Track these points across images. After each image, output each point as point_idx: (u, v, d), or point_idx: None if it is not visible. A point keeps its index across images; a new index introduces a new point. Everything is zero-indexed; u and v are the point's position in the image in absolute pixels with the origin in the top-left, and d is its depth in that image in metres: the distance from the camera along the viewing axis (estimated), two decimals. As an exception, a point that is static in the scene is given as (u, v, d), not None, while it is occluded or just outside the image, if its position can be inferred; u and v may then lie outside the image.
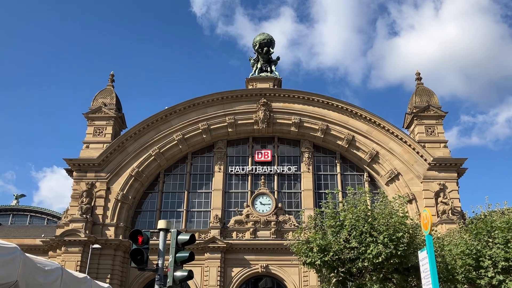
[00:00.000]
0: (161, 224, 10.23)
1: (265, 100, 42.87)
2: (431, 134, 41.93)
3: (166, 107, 43.10)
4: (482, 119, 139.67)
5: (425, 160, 39.94)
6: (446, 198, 38.41)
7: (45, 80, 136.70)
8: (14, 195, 72.67)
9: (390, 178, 40.43)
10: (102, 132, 42.92)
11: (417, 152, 40.38)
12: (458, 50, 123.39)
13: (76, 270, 30.95)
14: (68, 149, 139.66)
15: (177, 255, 9.80)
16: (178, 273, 9.78)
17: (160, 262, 9.80)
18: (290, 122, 42.70)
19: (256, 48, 48.59)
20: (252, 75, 47.79)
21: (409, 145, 40.77)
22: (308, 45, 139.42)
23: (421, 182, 39.61)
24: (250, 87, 46.38)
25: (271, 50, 48.66)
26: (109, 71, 78.88)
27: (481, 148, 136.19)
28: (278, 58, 49.10)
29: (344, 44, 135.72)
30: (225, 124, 42.91)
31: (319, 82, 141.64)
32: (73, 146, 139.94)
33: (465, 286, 22.25)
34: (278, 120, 43.05)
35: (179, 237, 9.95)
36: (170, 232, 10.14)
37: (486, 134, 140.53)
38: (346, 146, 42.05)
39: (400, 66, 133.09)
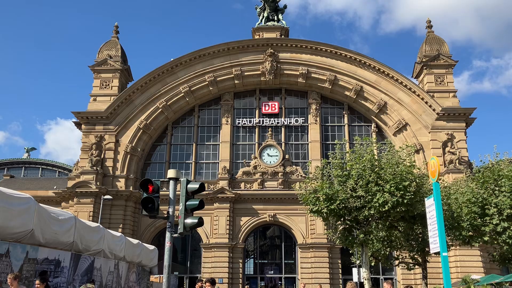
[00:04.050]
0: (171, 173, 10.36)
1: (272, 50, 42.14)
2: (440, 83, 41.33)
3: (172, 59, 42.63)
4: (496, 63, 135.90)
5: (434, 110, 39.60)
6: (454, 148, 38.42)
7: (44, 33, 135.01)
8: (25, 148, 73.88)
9: (397, 129, 40.29)
10: (108, 84, 42.77)
11: (426, 102, 39.98)
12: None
13: (89, 220, 31.80)
14: (69, 101, 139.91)
15: (187, 203, 9.99)
16: (189, 220, 10.01)
17: (171, 210, 10.00)
18: (298, 73, 42.15)
19: (262, -5, 47.18)
20: (258, 24, 46.70)
21: (418, 95, 40.31)
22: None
23: (429, 132, 39.48)
24: (257, 37, 45.47)
25: (278, -3, 47.25)
26: (112, 23, 77.58)
27: (493, 94, 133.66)
28: (285, 6, 47.76)
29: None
30: (232, 75, 42.47)
31: (327, 27, 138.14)
32: (74, 98, 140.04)
33: (470, 233, 22.61)
34: (285, 71, 42.49)
35: (189, 185, 10.11)
36: (180, 181, 10.28)
37: (499, 79, 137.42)
38: (354, 97, 41.66)
39: (412, 8, 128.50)
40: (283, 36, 45.25)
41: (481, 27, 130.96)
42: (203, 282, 8.34)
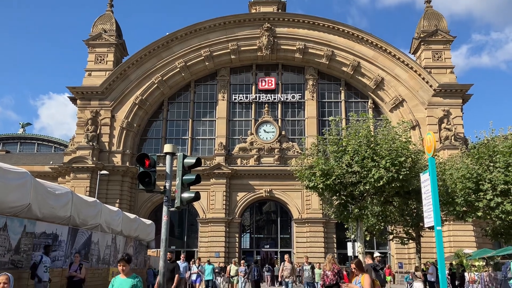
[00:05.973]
0: (167, 148, 10.33)
1: (268, 25, 41.63)
2: (438, 59, 41.13)
3: (167, 33, 42.11)
4: (495, 37, 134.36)
5: (431, 86, 39.51)
6: (450, 124, 38.53)
7: (37, 5, 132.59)
8: (20, 123, 73.45)
9: (394, 105, 40.26)
10: (103, 59, 42.32)
11: (423, 78, 39.85)
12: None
13: (86, 195, 31.88)
14: (62, 75, 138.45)
15: (184, 177, 10.00)
16: (186, 195, 10.04)
17: (167, 184, 10.01)
18: (295, 48, 41.76)
19: (259, -32, 46.29)
20: (255, -2, 45.99)
21: (415, 71, 40.13)
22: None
23: (426, 109, 39.48)
24: (253, 11, 44.88)
25: (275, -30, 46.37)
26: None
27: (491, 69, 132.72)
28: (282, -21, 46.93)
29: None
30: (228, 50, 42.04)
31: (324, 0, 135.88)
32: (67, 72, 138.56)
33: (464, 208, 22.87)
34: (282, 46, 42.09)
35: (186, 160, 10.09)
36: (176, 156, 10.27)
37: (498, 53, 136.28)
38: (351, 73, 41.44)
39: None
40: (280, 10, 44.67)
41: (482, 0, 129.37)
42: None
